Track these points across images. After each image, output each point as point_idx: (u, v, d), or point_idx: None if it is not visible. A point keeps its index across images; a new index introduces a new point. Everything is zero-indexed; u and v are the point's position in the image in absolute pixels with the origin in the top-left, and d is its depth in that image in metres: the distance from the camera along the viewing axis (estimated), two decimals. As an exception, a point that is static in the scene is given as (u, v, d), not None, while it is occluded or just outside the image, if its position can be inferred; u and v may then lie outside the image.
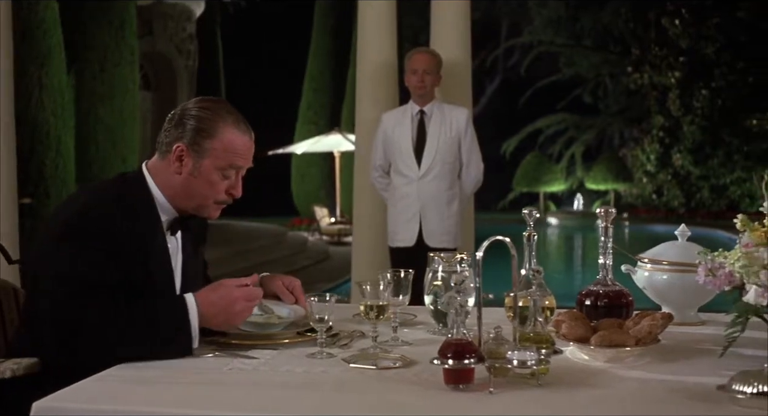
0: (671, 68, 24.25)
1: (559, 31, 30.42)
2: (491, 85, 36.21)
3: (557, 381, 1.81)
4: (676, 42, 24.18)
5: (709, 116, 23.24)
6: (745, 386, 1.64)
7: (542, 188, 26.88)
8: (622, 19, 27.61)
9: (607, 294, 2.33)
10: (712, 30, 23.40)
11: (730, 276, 2.00)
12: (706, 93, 23.36)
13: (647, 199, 25.30)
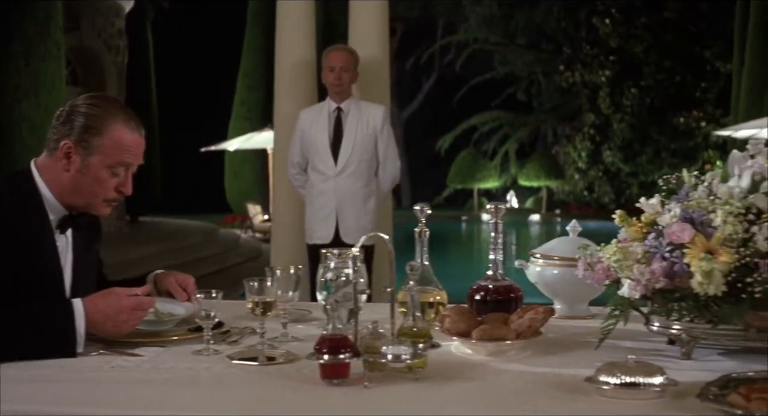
0: (602, 67, 24.67)
1: (493, 29, 30.72)
2: (428, 83, 36.42)
3: (435, 375, 1.84)
4: (607, 41, 24.59)
5: (638, 114, 23.71)
6: (610, 377, 1.68)
7: (476, 185, 27.11)
8: (555, 18, 28.02)
9: (496, 289, 2.37)
10: (640, 29, 23.87)
11: (607, 270, 2.06)
12: (635, 91, 23.82)
13: (579, 195, 25.71)
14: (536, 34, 30.09)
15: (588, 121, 24.98)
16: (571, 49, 25.94)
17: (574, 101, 26.58)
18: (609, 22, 24.49)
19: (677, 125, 22.91)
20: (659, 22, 23.71)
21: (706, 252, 1.88)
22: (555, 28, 28.41)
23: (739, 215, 1.91)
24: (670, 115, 23.07)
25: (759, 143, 2.08)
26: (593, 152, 24.89)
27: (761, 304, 1.89)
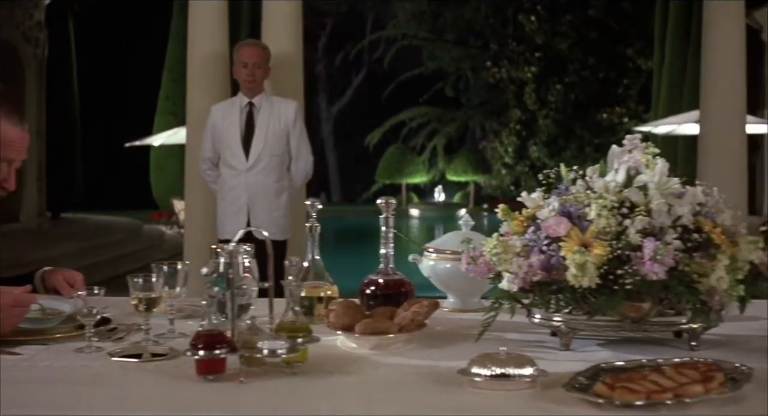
0: (528, 63, 24.97)
1: (421, 25, 30.85)
2: (357, 78, 36.45)
3: (313, 370, 1.84)
4: (533, 38, 24.90)
5: (563, 110, 24.07)
6: (482, 369, 1.71)
7: (404, 180, 27.21)
8: (483, 15, 28.26)
9: (386, 283, 2.38)
10: (565, 27, 24.23)
11: (489, 263, 2.09)
12: (560, 88, 24.18)
13: (506, 190, 26.00)
14: (464, 31, 30.30)
15: (514, 116, 25.27)
16: (498, 45, 26.20)
17: (501, 97, 26.86)
18: (535, 19, 24.81)
19: (600, 121, 23.32)
20: (583, 20, 24.11)
21: (581, 245, 1.92)
22: (483, 25, 28.67)
23: (613, 209, 1.95)
24: (593, 111, 23.48)
25: (635, 138, 2.13)
26: (519, 147, 25.20)
27: (636, 295, 1.94)
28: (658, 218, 1.94)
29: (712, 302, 1.92)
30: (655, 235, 1.91)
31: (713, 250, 1.94)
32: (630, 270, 1.88)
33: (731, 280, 1.90)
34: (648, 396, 1.57)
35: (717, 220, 2.00)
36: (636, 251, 1.89)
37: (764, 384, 1.72)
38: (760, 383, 1.72)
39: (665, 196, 1.99)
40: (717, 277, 1.88)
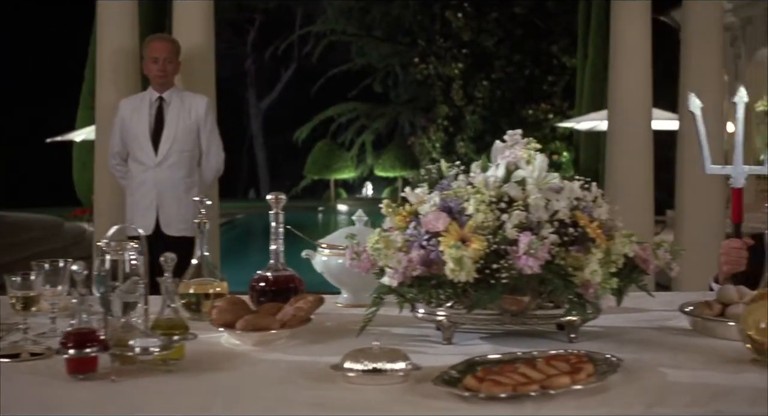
0: (455, 60, 25.07)
1: (350, 21, 30.79)
2: (287, 73, 36.25)
3: (190, 367, 1.83)
4: (459, 35, 25.02)
5: (489, 106, 24.24)
6: (354, 364, 1.71)
7: (333, 175, 27.18)
8: (411, 11, 28.33)
9: (276, 279, 2.38)
10: (491, 24, 24.40)
11: (372, 259, 2.09)
12: (486, 84, 24.34)
13: (434, 185, 26.07)
14: (393, 27, 30.33)
15: (442, 112, 25.36)
16: (426, 42, 26.27)
17: (429, 93, 26.94)
18: (462, 16, 24.92)
19: (526, 117, 23.53)
20: (509, 17, 24.30)
21: (459, 240, 1.93)
22: (411, 21, 28.73)
23: (492, 204, 1.97)
24: (519, 107, 23.69)
25: (516, 134, 2.16)
26: (447, 143, 25.30)
27: (514, 289, 1.97)
28: (536, 213, 1.97)
29: (587, 295, 1.95)
30: (532, 230, 1.94)
31: (589, 244, 1.97)
32: (506, 264, 1.90)
33: (605, 273, 1.93)
34: (514, 389, 1.60)
35: (594, 215, 2.04)
36: (513, 245, 1.91)
37: (632, 374, 1.76)
38: (628, 373, 1.76)
39: (544, 190, 2.02)
40: (591, 271, 1.92)
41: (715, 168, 2.82)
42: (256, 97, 37.05)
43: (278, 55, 33.57)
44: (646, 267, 2.09)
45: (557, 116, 22.66)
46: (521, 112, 23.66)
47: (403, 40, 29.71)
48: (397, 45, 29.83)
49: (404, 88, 30.30)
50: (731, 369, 1.82)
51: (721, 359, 1.91)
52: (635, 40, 6.09)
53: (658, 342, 2.10)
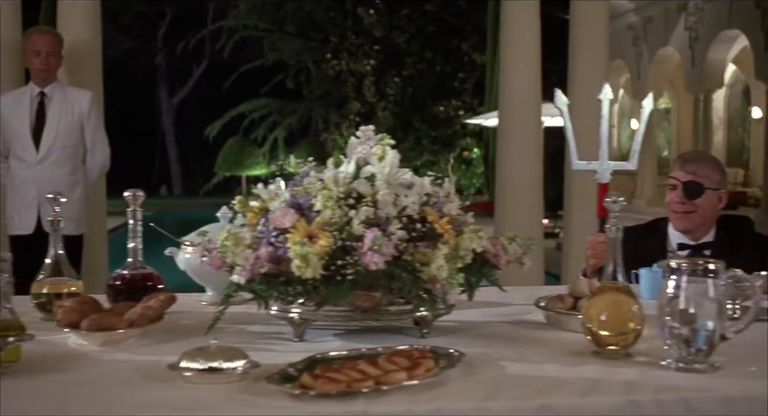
0: (367, 56, 25.12)
1: (262, 16, 30.54)
2: (198, 69, 35.79)
3: (28, 369, 1.77)
4: (371, 31, 25.07)
5: (401, 103, 24.36)
6: (191, 363, 1.68)
7: (244, 172, 26.96)
8: (323, 7, 28.26)
9: (132, 277, 2.34)
10: (403, 21, 24.51)
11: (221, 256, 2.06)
12: (398, 81, 24.45)
13: (347, 182, 26.08)
14: (305, 23, 30.21)
15: (354, 108, 25.39)
16: (338, 38, 26.24)
17: (342, 89, 26.93)
18: (373, 12, 24.97)
19: (437, 113, 23.73)
20: (420, 14, 24.46)
21: (306, 236, 1.92)
22: (323, 17, 28.66)
23: (340, 200, 1.96)
24: (430, 104, 23.86)
25: (368, 130, 2.15)
26: (359, 140, 25.32)
27: (363, 285, 1.96)
28: (384, 208, 1.96)
29: (435, 290, 1.96)
30: (381, 225, 1.94)
31: (437, 240, 1.98)
32: (352, 260, 1.89)
33: (451, 269, 1.94)
34: (348, 386, 1.59)
35: (444, 211, 2.05)
36: (359, 242, 1.91)
37: (473, 369, 1.77)
38: (469, 367, 1.78)
39: (394, 186, 2.02)
40: (437, 266, 1.92)
41: (581, 164, 2.86)
42: (167, 93, 36.50)
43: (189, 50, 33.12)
44: (497, 262, 2.11)
45: (468, 113, 22.88)
46: (432, 108, 23.83)
47: (316, 36, 29.61)
48: (309, 41, 29.71)
49: (317, 84, 30.21)
50: (572, 362, 1.85)
51: (566, 352, 1.94)
52: (524, 37, 6.18)
53: (509, 336, 2.12)
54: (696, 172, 3.20)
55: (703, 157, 3.34)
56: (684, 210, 3.19)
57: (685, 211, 3.20)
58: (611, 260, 1.92)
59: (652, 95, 2.90)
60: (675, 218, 3.23)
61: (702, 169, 3.22)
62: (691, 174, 3.19)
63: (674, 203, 3.21)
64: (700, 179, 3.19)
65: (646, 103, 2.82)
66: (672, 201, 3.22)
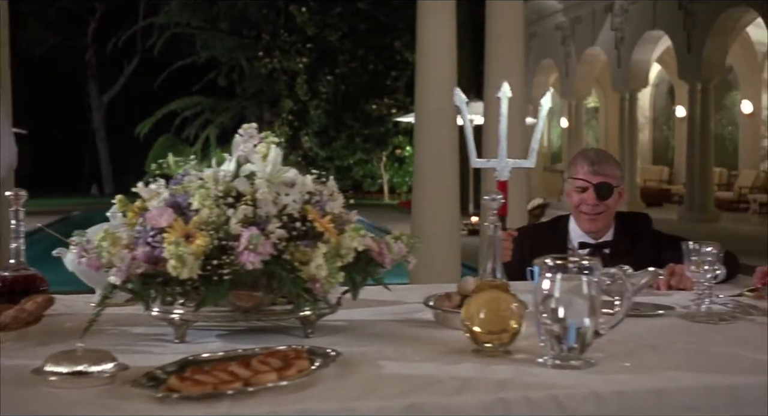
0: (299, 54, 25.04)
1: (195, 13, 30.22)
2: (130, 66, 35.26)
3: None
4: (304, 29, 25.00)
5: (333, 101, 24.33)
6: (56, 367, 1.64)
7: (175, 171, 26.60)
8: (256, 5, 28.09)
9: (15, 279, 2.27)
10: (335, 19, 24.50)
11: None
12: (330, 79, 24.42)
13: (279, 180, 25.96)
14: (238, 20, 29.98)
15: (286, 107, 25.29)
16: (271, 35, 26.10)
17: (274, 87, 26.79)
18: (306, 10, 24.91)
19: (370, 112, 23.77)
20: (353, 12, 24.48)
21: (184, 236, 1.88)
22: (256, 15, 28.49)
23: (219, 199, 1.93)
24: (363, 102, 23.89)
25: (251, 127, 2.13)
26: (292, 138, 25.24)
27: (243, 285, 1.93)
28: (264, 207, 1.94)
29: (316, 289, 1.94)
30: (260, 224, 1.91)
31: (318, 239, 1.96)
32: (228, 260, 1.86)
33: (331, 268, 1.92)
34: (215, 387, 1.56)
35: (327, 209, 2.03)
36: (236, 240, 1.88)
37: (348, 368, 1.76)
38: (345, 367, 1.76)
39: (276, 185, 1.99)
40: (316, 265, 1.90)
41: (480, 161, 2.86)
42: (98, 91, 35.90)
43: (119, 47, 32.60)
44: (382, 261, 2.09)
45: (400, 111, 22.96)
46: (365, 106, 23.86)
47: (249, 33, 29.40)
48: (242, 38, 29.49)
49: (250, 82, 30.00)
50: (450, 360, 1.84)
51: (447, 350, 1.93)
52: (440, 36, 6.20)
53: (394, 335, 2.11)
54: (605, 172, 3.24)
55: (607, 157, 3.37)
56: (596, 212, 3.22)
57: (597, 213, 3.23)
58: (489, 258, 1.93)
59: (550, 93, 2.90)
60: (586, 219, 3.24)
61: (608, 168, 3.26)
62: (601, 175, 3.22)
63: (586, 205, 3.22)
64: (609, 179, 3.23)
65: (545, 101, 2.83)
66: (583, 203, 3.23)
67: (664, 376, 1.74)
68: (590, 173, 3.23)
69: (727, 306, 2.47)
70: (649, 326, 2.22)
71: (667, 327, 2.22)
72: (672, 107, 20.36)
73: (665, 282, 2.80)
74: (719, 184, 18.15)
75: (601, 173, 3.23)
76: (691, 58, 15.50)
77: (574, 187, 3.27)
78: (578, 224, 3.29)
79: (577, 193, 3.25)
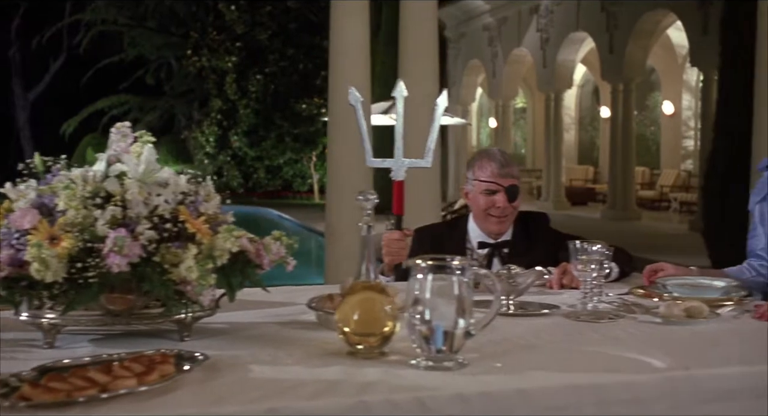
0: (228, 53, 24.82)
1: (122, 10, 29.75)
2: (56, 63, 34.56)
3: None
4: (233, 27, 24.78)
5: (263, 100, 24.17)
6: None
7: (102, 170, 26.17)
8: (184, 2, 27.77)
9: None
10: (265, 17, 24.33)
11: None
12: (260, 78, 24.25)
13: (209, 180, 25.71)
14: (167, 18, 29.60)
15: (216, 106, 25.05)
16: (199, 34, 25.82)
17: (203, 86, 26.51)
18: (235, 8, 24.70)
19: (300, 111, 23.66)
20: (283, 11, 24.35)
21: (49, 238, 1.83)
22: (185, 13, 28.17)
23: (86, 199, 1.88)
24: (292, 101, 23.77)
25: (124, 126, 2.08)
26: (221, 137, 25.02)
27: (112, 288, 1.89)
28: (135, 208, 1.89)
29: (188, 292, 1.90)
30: (129, 226, 1.87)
31: (190, 240, 1.92)
32: (94, 262, 1.81)
33: (203, 270, 1.89)
34: (69, 395, 1.51)
35: (201, 210, 1.99)
36: (102, 242, 1.83)
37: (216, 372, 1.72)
38: (212, 371, 1.73)
39: (149, 185, 1.95)
40: (186, 267, 1.86)
41: (375, 161, 2.85)
42: (22, 88, 35.11)
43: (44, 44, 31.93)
44: (260, 262, 2.06)
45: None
46: (295, 106, 23.75)
47: (177, 31, 29.05)
48: (170, 36, 29.13)
49: (179, 80, 29.65)
50: (322, 363, 1.82)
51: (322, 352, 1.91)
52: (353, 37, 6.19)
53: (273, 338, 2.08)
54: (513, 174, 3.22)
55: (511, 158, 3.36)
56: (506, 214, 3.21)
57: (506, 215, 3.21)
58: (364, 259, 1.91)
59: (446, 93, 2.88)
60: (494, 222, 3.20)
61: (515, 169, 3.26)
62: (511, 177, 3.20)
63: (496, 208, 3.18)
64: (517, 181, 3.23)
65: (440, 101, 2.82)
66: (493, 206, 3.17)
67: (533, 376, 1.74)
68: (500, 176, 3.18)
69: (614, 305, 2.49)
70: (531, 326, 2.23)
71: (549, 326, 2.23)
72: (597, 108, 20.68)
73: (557, 281, 2.82)
74: (642, 183, 18.49)
75: (510, 175, 3.20)
76: (613, 59, 15.76)
77: (482, 189, 3.21)
78: (484, 226, 3.25)
79: (485, 196, 3.19)
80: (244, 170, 24.87)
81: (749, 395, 1.84)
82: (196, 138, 25.71)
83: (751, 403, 1.84)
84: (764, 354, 1.99)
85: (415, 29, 6.23)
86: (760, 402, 1.85)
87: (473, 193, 3.24)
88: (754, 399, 1.85)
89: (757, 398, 1.86)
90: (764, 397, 1.86)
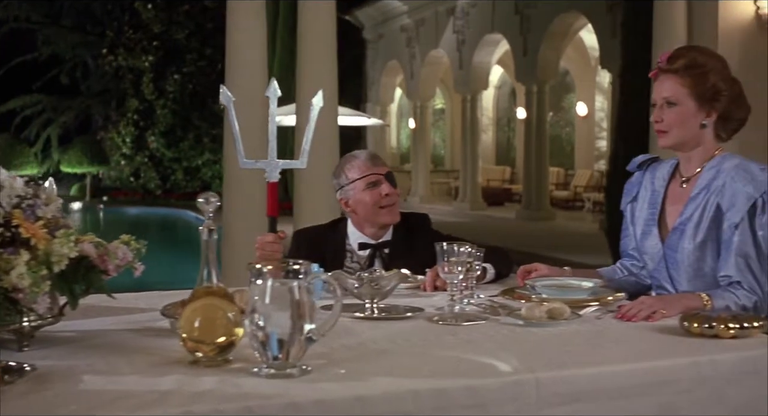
0: (145, 52, 24.41)
1: (36, 8, 29.06)
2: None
3: None
4: (150, 26, 24.39)
5: (180, 100, 23.84)
6: None
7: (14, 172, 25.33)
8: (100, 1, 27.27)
9: None
10: (182, 16, 24.00)
11: None
12: (178, 77, 23.91)
13: (126, 181, 25.31)
14: (82, 16, 29.02)
15: (132, 106, 24.62)
16: (115, 32, 25.35)
17: (119, 85, 26.03)
18: (152, 7, 24.30)
19: (217, 112, 23.35)
20: (200, 11, 24.04)
21: None
22: (101, 11, 27.65)
23: None
24: (210, 101, 23.48)
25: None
26: (138, 138, 24.58)
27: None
28: (-36, 213, 1.81)
29: (21, 300, 1.82)
30: (-43, 232, 1.78)
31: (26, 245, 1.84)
32: None
33: (36, 277, 1.81)
34: None
35: (39, 214, 1.92)
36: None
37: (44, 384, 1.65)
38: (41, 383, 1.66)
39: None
40: (17, 274, 1.78)
41: (248, 162, 2.80)
42: None
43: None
44: (105, 268, 1.99)
45: (249, 111, 22.68)
46: (212, 106, 23.46)
47: (93, 30, 28.50)
48: (86, 35, 28.56)
49: (95, 80, 29.08)
50: (160, 372, 1.75)
51: (163, 361, 1.84)
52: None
53: (119, 346, 2.00)
54: (383, 163, 3.25)
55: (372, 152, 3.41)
56: (395, 202, 3.19)
57: (394, 202, 3.19)
58: (205, 263, 1.85)
59: (321, 93, 2.83)
60: (388, 212, 3.15)
61: (381, 159, 3.29)
62: (383, 165, 3.22)
63: (386, 196, 3.15)
64: (389, 168, 3.26)
65: (316, 101, 2.78)
66: (382, 195, 3.14)
67: (375, 383, 1.71)
68: (374, 166, 3.19)
69: (481, 307, 2.48)
70: (390, 329, 2.20)
71: (408, 330, 2.20)
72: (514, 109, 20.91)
73: (430, 283, 2.80)
74: (556, 183, 18.75)
75: (382, 164, 3.23)
76: (526, 61, 15.93)
77: (364, 185, 3.16)
78: (377, 221, 3.19)
79: (370, 190, 3.14)
80: (162, 171, 24.48)
81: (596, 397, 1.83)
82: (113, 138, 25.22)
83: (598, 405, 1.83)
84: (616, 355, 2.00)
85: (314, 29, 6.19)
86: (612, 403, 1.85)
87: (354, 196, 3.18)
88: (607, 400, 1.85)
89: (609, 399, 1.85)
90: (616, 398, 1.85)
